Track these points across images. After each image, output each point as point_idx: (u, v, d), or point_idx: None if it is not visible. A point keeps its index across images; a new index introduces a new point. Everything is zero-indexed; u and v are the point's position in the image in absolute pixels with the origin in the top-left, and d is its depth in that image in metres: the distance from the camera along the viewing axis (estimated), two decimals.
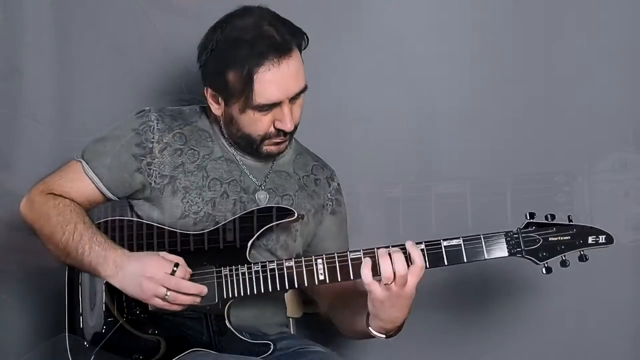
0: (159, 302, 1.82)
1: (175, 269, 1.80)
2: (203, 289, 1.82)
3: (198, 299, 1.82)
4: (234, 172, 1.98)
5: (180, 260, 1.83)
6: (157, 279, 1.79)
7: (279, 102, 1.85)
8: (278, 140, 1.92)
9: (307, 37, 1.90)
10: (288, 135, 1.92)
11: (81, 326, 1.91)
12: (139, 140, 1.94)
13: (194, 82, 2.01)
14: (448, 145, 2.47)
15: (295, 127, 1.93)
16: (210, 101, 1.94)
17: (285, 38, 1.83)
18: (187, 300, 1.82)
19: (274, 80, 1.82)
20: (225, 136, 1.98)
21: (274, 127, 1.89)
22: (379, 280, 1.72)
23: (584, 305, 2.46)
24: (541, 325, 2.48)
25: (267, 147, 1.93)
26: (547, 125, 2.44)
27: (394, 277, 1.71)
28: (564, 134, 2.42)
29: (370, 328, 1.83)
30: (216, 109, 1.94)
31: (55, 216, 1.89)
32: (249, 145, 1.94)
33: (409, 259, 1.73)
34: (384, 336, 1.83)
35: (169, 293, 1.79)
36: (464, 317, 2.51)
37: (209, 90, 1.92)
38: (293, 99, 1.88)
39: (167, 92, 2.42)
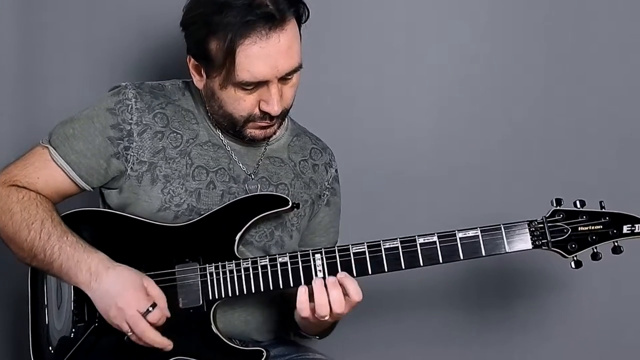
0: (121, 330, 1.72)
1: (150, 309, 1.68)
2: (168, 346, 1.71)
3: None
4: (221, 159, 1.86)
5: (161, 299, 1.71)
6: (126, 314, 1.67)
7: (265, 80, 1.71)
8: (263, 124, 1.79)
9: (307, 8, 1.76)
10: (275, 119, 1.79)
11: (47, 331, 1.80)
12: (114, 122, 1.80)
13: (178, 52, 1.90)
14: (465, 129, 2.41)
15: (286, 111, 1.81)
16: (192, 72, 1.81)
17: (280, 7, 1.68)
18: (149, 346, 1.70)
19: (260, 55, 1.68)
20: (211, 117, 1.87)
21: (260, 108, 1.75)
22: (314, 311, 1.68)
23: (618, 304, 2.39)
24: (569, 327, 2.41)
25: (251, 131, 1.80)
26: (573, 107, 2.38)
27: (330, 313, 1.67)
28: (592, 118, 2.38)
29: (302, 331, 1.85)
30: (198, 80, 1.81)
31: (19, 212, 1.75)
32: (232, 127, 1.81)
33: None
34: (317, 337, 1.88)
35: (131, 332, 1.69)
36: (482, 317, 2.44)
37: (192, 59, 1.79)
38: (284, 79, 1.74)
39: (146, 65, 2.33)
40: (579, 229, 1.68)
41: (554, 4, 2.36)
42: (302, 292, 1.67)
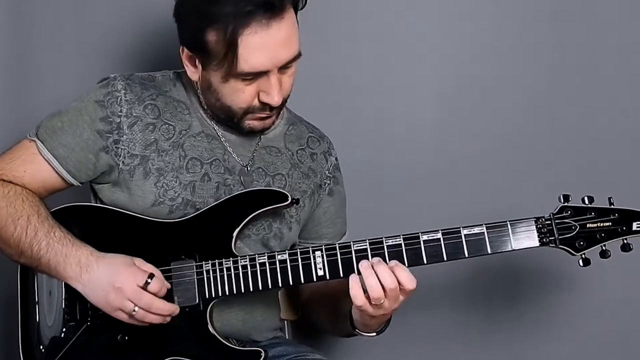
0: (123, 317, 1.67)
1: (149, 280, 1.64)
2: (176, 310, 1.68)
3: (169, 319, 1.68)
4: (216, 150, 1.83)
5: (156, 271, 1.67)
6: (126, 291, 1.64)
7: (265, 70, 1.68)
8: (263, 115, 1.76)
9: None
10: (275, 110, 1.76)
11: (37, 330, 1.77)
12: (104, 114, 1.76)
13: (170, 44, 1.85)
14: (469, 124, 2.37)
15: (284, 101, 1.77)
16: (186, 63, 1.76)
17: None
18: (157, 320, 1.67)
19: (261, 45, 1.65)
20: (205, 107, 1.83)
21: (259, 99, 1.72)
22: (369, 298, 1.61)
23: (627, 302, 2.36)
24: (577, 326, 2.39)
25: (250, 122, 1.78)
26: (579, 103, 2.34)
27: (384, 294, 1.61)
28: (599, 114, 2.34)
29: (358, 331, 1.77)
30: (192, 72, 1.77)
31: (5, 207, 1.72)
32: (229, 119, 1.78)
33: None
34: (374, 334, 1.77)
35: (136, 309, 1.64)
36: (487, 316, 2.41)
37: (185, 50, 1.75)
38: (283, 68, 1.71)
39: (138, 57, 2.30)
40: (588, 225, 1.65)
41: (558, 1, 2.32)
42: (354, 280, 1.60)
